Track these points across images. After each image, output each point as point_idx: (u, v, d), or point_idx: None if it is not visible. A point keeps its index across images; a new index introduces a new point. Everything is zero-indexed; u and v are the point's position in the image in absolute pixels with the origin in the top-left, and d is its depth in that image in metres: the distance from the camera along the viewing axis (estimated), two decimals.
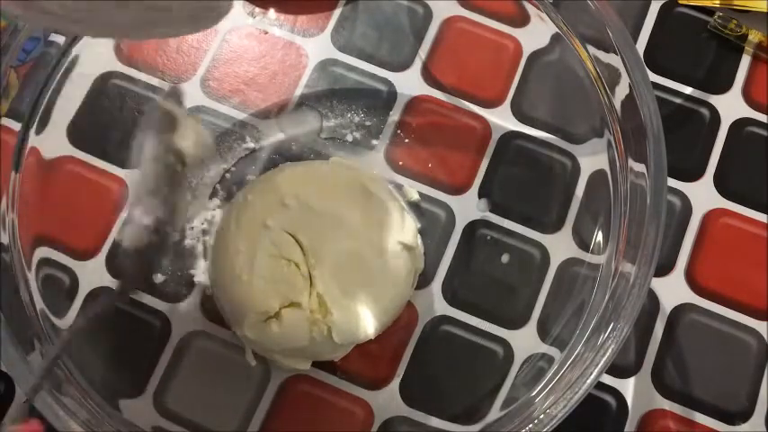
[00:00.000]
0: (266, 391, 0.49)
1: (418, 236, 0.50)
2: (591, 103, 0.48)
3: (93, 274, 0.50)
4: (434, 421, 0.49)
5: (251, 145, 0.54)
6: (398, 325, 0.50)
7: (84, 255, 0.51)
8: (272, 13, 0.56)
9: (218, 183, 0.53)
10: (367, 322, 0.47)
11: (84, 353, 0.47)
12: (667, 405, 0.50)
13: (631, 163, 0.45)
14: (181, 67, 0.55)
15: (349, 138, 0.54)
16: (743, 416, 0.49)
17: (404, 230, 0.48)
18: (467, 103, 0.55)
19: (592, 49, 0.47)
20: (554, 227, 0.52)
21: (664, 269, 0.52)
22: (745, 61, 0.56)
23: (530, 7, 0.51)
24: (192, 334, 0.50)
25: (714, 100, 0.55)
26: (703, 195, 0.53)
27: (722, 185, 0.53)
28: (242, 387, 0.49)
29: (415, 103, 0.55)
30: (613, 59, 0.45)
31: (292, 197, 0.47)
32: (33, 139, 0.46)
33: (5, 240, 0.44)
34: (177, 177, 0.40)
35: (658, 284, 0.51)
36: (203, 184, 0.53)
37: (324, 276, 0.46)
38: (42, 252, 0.48)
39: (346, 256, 0.47)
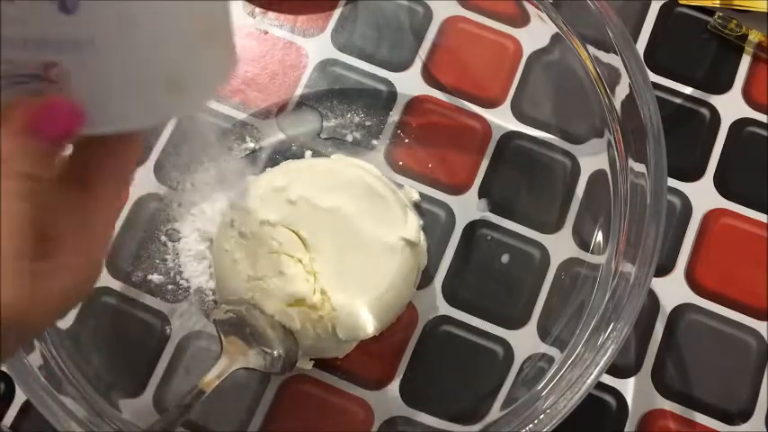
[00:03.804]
0: (266, 391, 0.49)
1: (421, 232, 0.50)
2: (591, 103, 0.48)
3: None
4: (435, 421, 0.49)
5: (251, 145, 0.54)
6: (399, 325, 0.50)
7: None
8: (271, 13, 0.56)
9: (218, 183, 0.53)
10: (370, 318, 0.47)
11: (85, 353, 0.47)
12: (667, 405, 0.50)
13: (631, 163, 0.45)
14: None
15: (349, 138, 0.54)
16: (743, 416, 0.49)
17: (407, 226, 0.48)
18: (467, 103, 0.55)
19: (592, 49, 0.47)
20: (554, 227, 0.52)
21: (664, 269, 0.52)
22: (745, 61, 0.56)
23: (530, 7, 0.51)
24: (192, 334, 0.50)
25: (714, 100, 0.55)
26: (703, 195, 0.53)
27: (722, 185, 0.53)
28: (242, 387, 0.49)
29: (415, 103, 0.55)
30: (613, 59, 0.45)
31: (295, 194, 0.47)
32: None
33: None
34: None
35: (658, 284, 0.51)
36: (204, 183, 0.53)
37: (326, 272, 0.46)
38: None
39: (349, 252, 0.47)
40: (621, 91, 0.45)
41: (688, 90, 0.55)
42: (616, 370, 0.50)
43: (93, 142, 0.28)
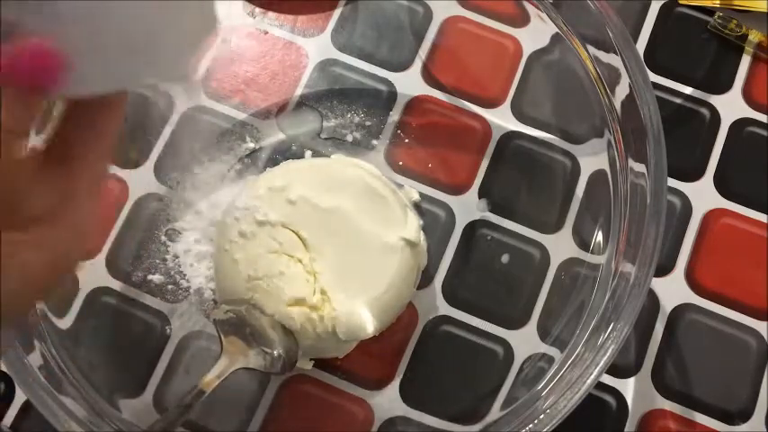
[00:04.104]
0: (266, 391, 0.49)
1: (421, 232, 0.50)
2: (591, 103, 0.48)
3: (93, 274, 0.50)
4: (435, 421, 0.49)
5: (251, 145, 0.54)
6: (399, 325, 0.50)
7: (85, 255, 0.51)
8: (272, 13, 0.56)
9: (218, 183, 0.53)
10: (370, 318, 0.47)
11: (84, 353, 0.47)
12: (667, 405, 0.50)
13: (631, 163, 0.45)
14: None
15: (349, 138, 0.54)
16: (743, 416, 0.49)
17: (407, 226, 0.48)
18: (467, 103, 0.55)
19: (592, 49, 0.47)
20: (554, 227, 0.52)
21: (664, 269, 0.52)
22: (745, 61, 0.56)
23: (530, 7, 0.51)
24: (192, 334, 0.50)
25: (714, 100, 0.55)
26: (703, 195, 0.53)
27: (722, 185, 0.53)
28: (242, 387, 0.49)
29: (415, 103, 0.55)
30: (613, 59, 0.45)
31: (295, 194, 0.47)
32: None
33: None
34: None
35: (658, 284, 0.51)
36: (204, 183, 0.53)
37: (326, 272, 0.46)
38: None
39: (349, 252, 0.47)
40: (621, 91, 0.45)
41: (688, 90, 0.55)
42: (616, 370, 0.50)
43: (69, 115, 0.27)
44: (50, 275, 0.27)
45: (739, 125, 0.55)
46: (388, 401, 0.49)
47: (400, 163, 0.54)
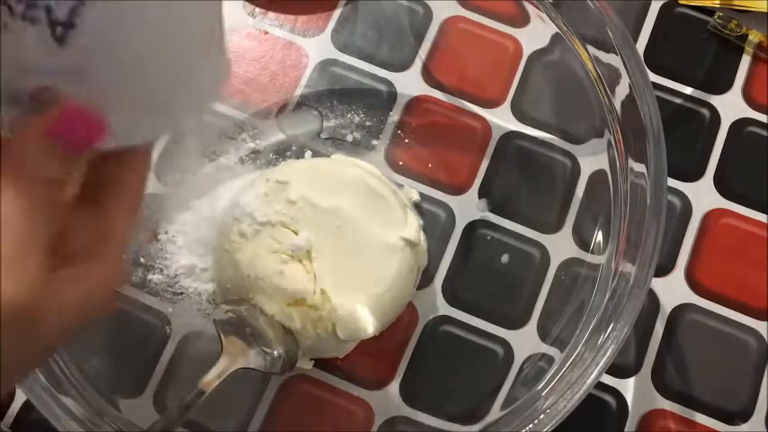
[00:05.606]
0: (266, 391, 0.49)
1: (421, 232, 0.50)
2: (591, 103, 0.48)
3: None
4: (434, 421, 0.49)
5: (251, 145, 0.54)
6: (399, 325, 0.50)
7: None
8: (272, 13, 0.56)
9: (217, 183, 0.53)
10: (370, 318, 0.46)
11: (85, 353, 0.47)
12: (667, 405, 0.50)
13: (631, 163, 0.45)
14: None
15: (349, 138, 0.54)
16: (743, 416, 0.49)
17: (407, 226, 0.48)
18: (467, 103, 0.55)
19: (592, 49, 0.47)
20: (554, 227, 0.52)
21: (664, 269, 0.52)
22: (745, 61, 0.56)
23: (530, 7, 0.51)
24: (192, 334, 0.50)
25: (714, 100, 0.55)
26: (703, 195, 0.53)
27: (722, 185, 0.53)
28: (242, 387, 0.49)
29: (414, 103, 0.55)
30: (613, 59, 0.45)
31: (295, 194, 0.47)
32: None
33: None
34: None
35: (658, 284, 0.51)
36: (203, 183, 0.53)
37: (326, 272, 0.46)
38: None
39: (348, 252, 0.47)
40: (621, 91, 0.45)
41: (688, 90, 0.55)
42: (616, 370, 0.50)
43: (103, 159, 0.29)
44: (89, 307, 0.29)
45: (739, 125, 0.55)
46: (388, 401, 0.49)
47: (400, 163, 0.54)
